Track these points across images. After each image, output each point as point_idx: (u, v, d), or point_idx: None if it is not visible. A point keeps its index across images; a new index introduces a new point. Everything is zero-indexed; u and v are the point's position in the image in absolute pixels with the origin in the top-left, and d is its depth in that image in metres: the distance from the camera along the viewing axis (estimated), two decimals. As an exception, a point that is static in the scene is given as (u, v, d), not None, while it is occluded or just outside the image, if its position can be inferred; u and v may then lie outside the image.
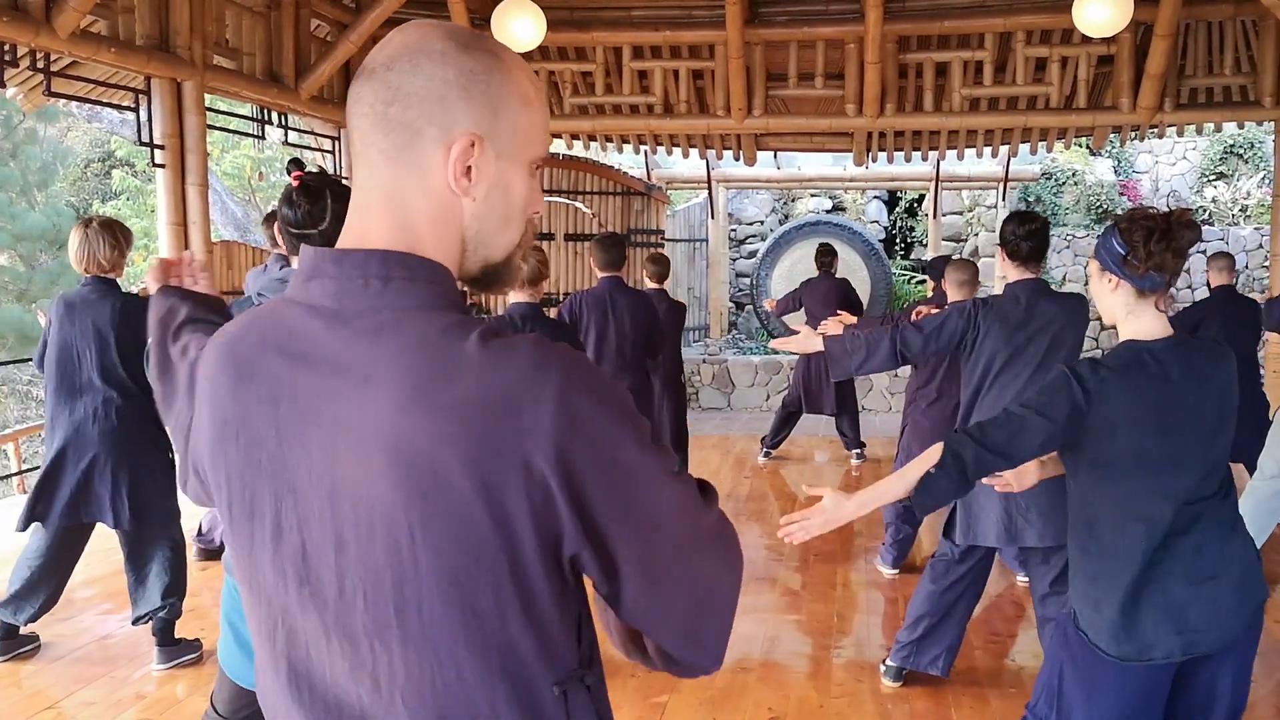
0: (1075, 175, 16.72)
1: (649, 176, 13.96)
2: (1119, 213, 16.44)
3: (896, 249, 17.86)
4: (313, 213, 2.90)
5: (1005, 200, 14.48)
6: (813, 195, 17.88)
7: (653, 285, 7.63)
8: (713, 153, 10.89)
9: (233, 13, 7.71)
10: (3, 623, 4.80)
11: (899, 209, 17.96)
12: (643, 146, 10.88)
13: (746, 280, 16.98)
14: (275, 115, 8.70)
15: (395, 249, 1.20)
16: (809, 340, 4.36)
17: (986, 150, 10.34)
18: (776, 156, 14.06)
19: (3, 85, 6.18)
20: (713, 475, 9.02)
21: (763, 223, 17.88)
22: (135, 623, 4.84)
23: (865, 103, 9.19)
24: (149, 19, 6.72)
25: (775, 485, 8.79)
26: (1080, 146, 15.96)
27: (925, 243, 16.31)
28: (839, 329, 4.55)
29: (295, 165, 3.06)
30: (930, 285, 9.12)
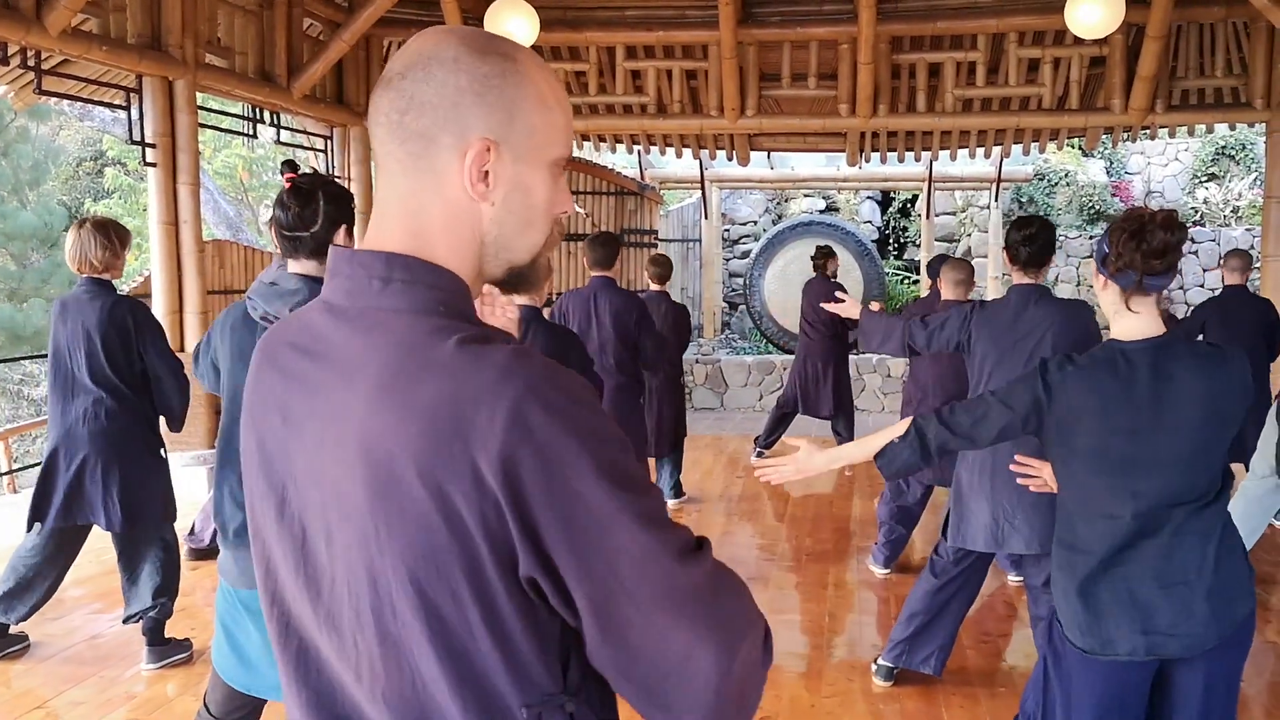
0: (1068, 176, 16.76)
1: (642, 176, 13.96)
2: (1111, 214, 16.53)
3: (890, 249, 17.87)
4: (303, 215, 2.89)
5: (998, 201, 14.49)
6: (806, 195, 17.88)
7: (655, 287, 7.61)
8: (706, 153, 10.88)
9: (225, 11, 7.69)
10: (-6, 621, 4.80)
11: (892, 209, 17.98)
12: (636, 146, 10.88)
13: (740, 280, 16.98)
14: (267, 114, 8.68)
15: (404, 252, 1.21)
16: (852, 309, 4.76)
17: (979, 151, 10.35)
18: (770, 157, 14.08)
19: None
20: (706, 475, 9.03)
21: (756, 223, 17.89)
22: (125, 621, 4.83)
23: (858, 103, 9.19)
24: (140, 17, 6.70)
25: (768, 485, 8.77)
26: (1073, 147, 15.99)
27: (918, 243, 16.33)
28: (878, 308, 5.39)
29: (289, 167, 3.05)
30: (927, 284, 9.14)
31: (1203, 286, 15.95)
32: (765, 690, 4.18)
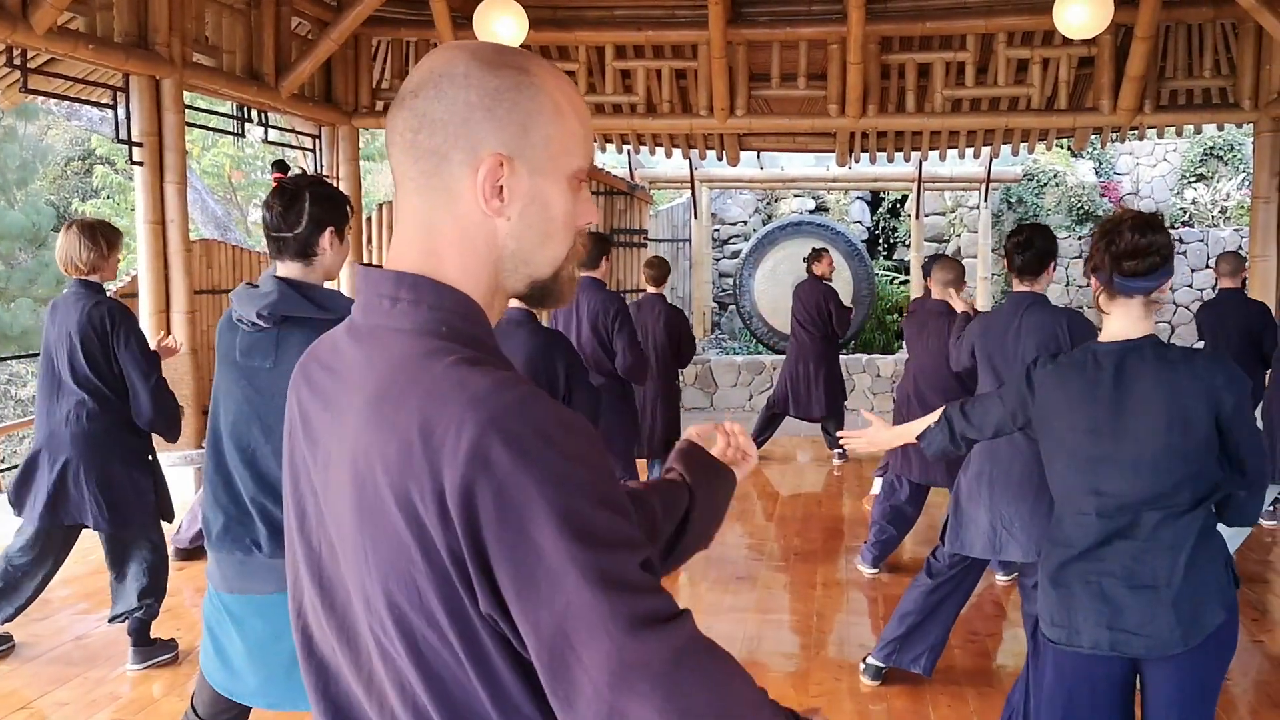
0: (1057, 177, 16.79)
1: (632, 176, 13.95)
2: (1100, 215, 16.57)
3: (879, 249, 17.89)
4: (286, 216, 2.88)
5: (987, 201, 14.51)
6: (796, 195, 17.89)
7: (650, 289, 7.58)
8: (696, 153, 10.89)
9: (212, 10, 7.68)
10: (-22, 622, 4.77)
11: (882, 209, 17.99)
12: (625, 146, 10.88)
13: (729, 280, 16.99)
14: (255, 113, 8.66)
15: (415, 271, 1.20)
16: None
17: (969, 151, 10.36)
18: (760, 157, 14.08)
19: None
20: (694, 475, 9.00)
21: (746, 223, 17.89)
22: (111, 621, 4.82)
23: (848, 103, 9.20)
24: (127, 16, 6.68)
25: (758, 485, 8.79)
26: (1061, 148, 16.02)
27: (908, 243, 16.34)
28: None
29: (278, 167, 3.03)
30: (920, 285, 9.14)
31: (1190, 287, 15.99)
32: (752, 690, 4.11)
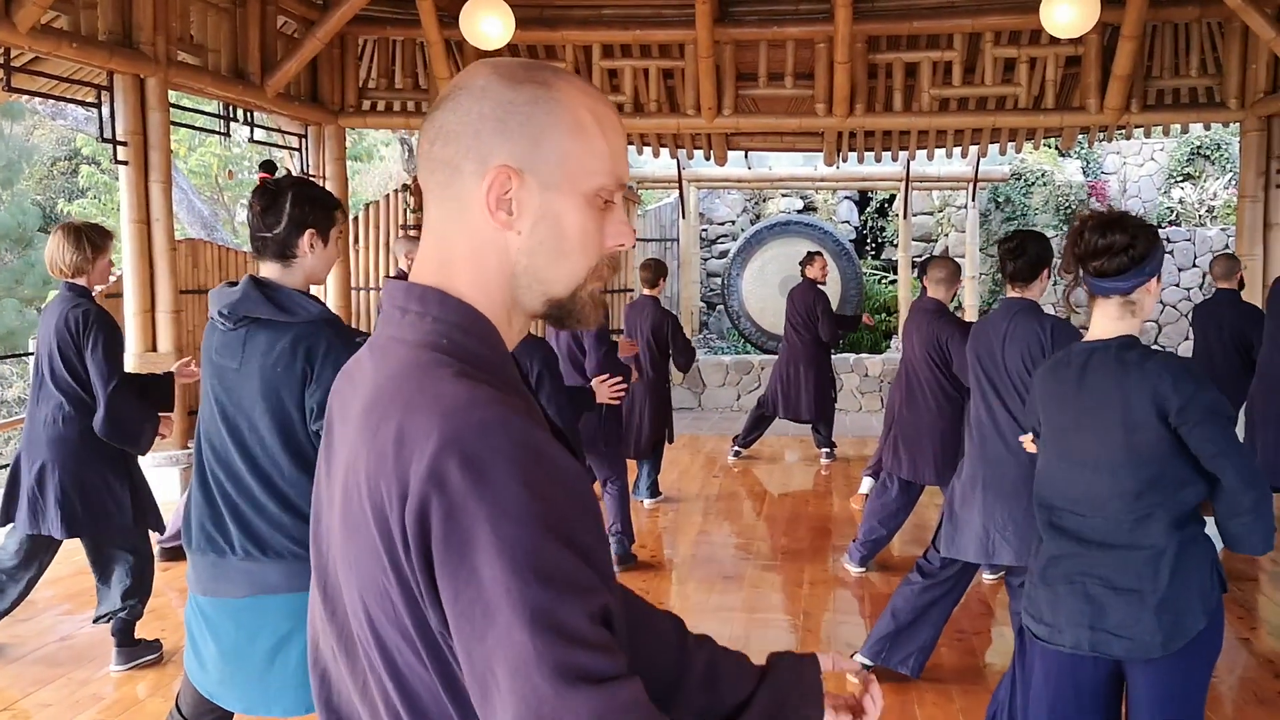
0: (1044, 176, 16.82)
1: (620, 176, 13.92)
2: (1086, 214, 16.60)
3: (867, 249, 17.92)
4: (266, 216, 2.86)
5: (975, 201, 14.53)
6: (784, 195, 17.90)
7: (645, 291, 7.55)
8: (683, 152, 10.88)
9: (197, 8, 7.64)
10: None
11: (870, 209, 18.02)
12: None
13: (717, 280, 17.00)
14: (241, 113, 8.63)
15: (429, 284, 1.20)
16: None
17: (956, 151, 10.38)
18: (747, 156, 14.07)
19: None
20: (683, 474, 9.02)
21: (734, 222, 17.90)
22: (95, 622, 4.80)
23: (835, 102, 9.20)
24: (111, 14, 6.65)
25: (746, 484, 8.79)
26: (1049, 147, 16.06)
27: (896, 243, 16.36)
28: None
29: (265, 168, 3.02)
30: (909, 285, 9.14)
31: (1178, 286, 16.03)
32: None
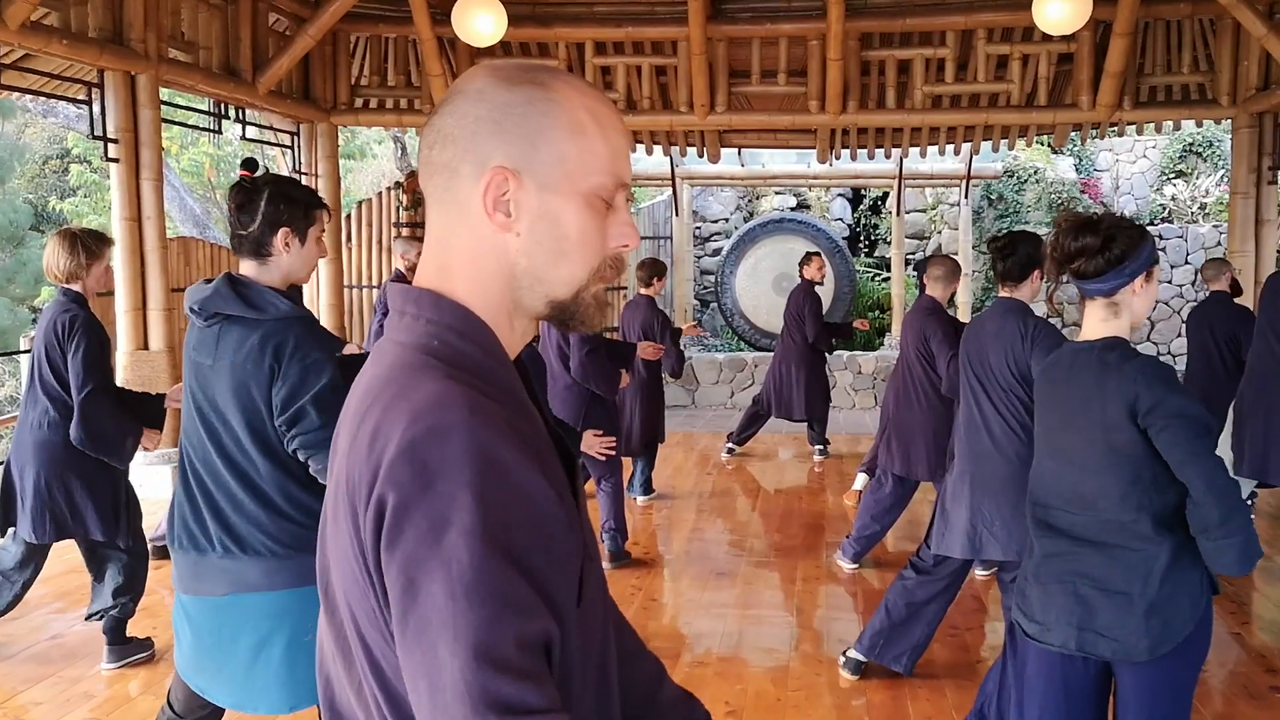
0: (1037, 173, 16.83)
1: (613, 173, 13.91)
2: (1080, 211, 16.61)
3: (861, 246, 17.93)
4: (240, 215, 2.87)
5: (967, 198, 14.54)
6: (777, 193, 17.90)
7: (642, 291, 7.54)
8: (676, 149, 10.88)
9: (188, 5, 7.62)
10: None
11: (863, 206, 18.03)
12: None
13: (711, 278, 17.00)
14: (233, 110, 8.61)
15: (428, 286, 1.21)
16: None
17: (949, 148, 10.38)
18: (741, 154, 14.07)
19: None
20: (677, 471, 9.03)
21: (727, 220, 17.90)
22: (87, 619, 4.80)
23: (828, 99, 9.21)
24: (101, 11, 6.63)
25: (740, 481, 8.79)
26: (1042, 145, 16.07)
27: (889, 240, 16.37)
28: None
29: (246, 165, 3.02)
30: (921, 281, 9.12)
31: (1170, 283, 16.04)
32: (732, 685, 4.19)
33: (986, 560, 5.75)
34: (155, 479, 7.13)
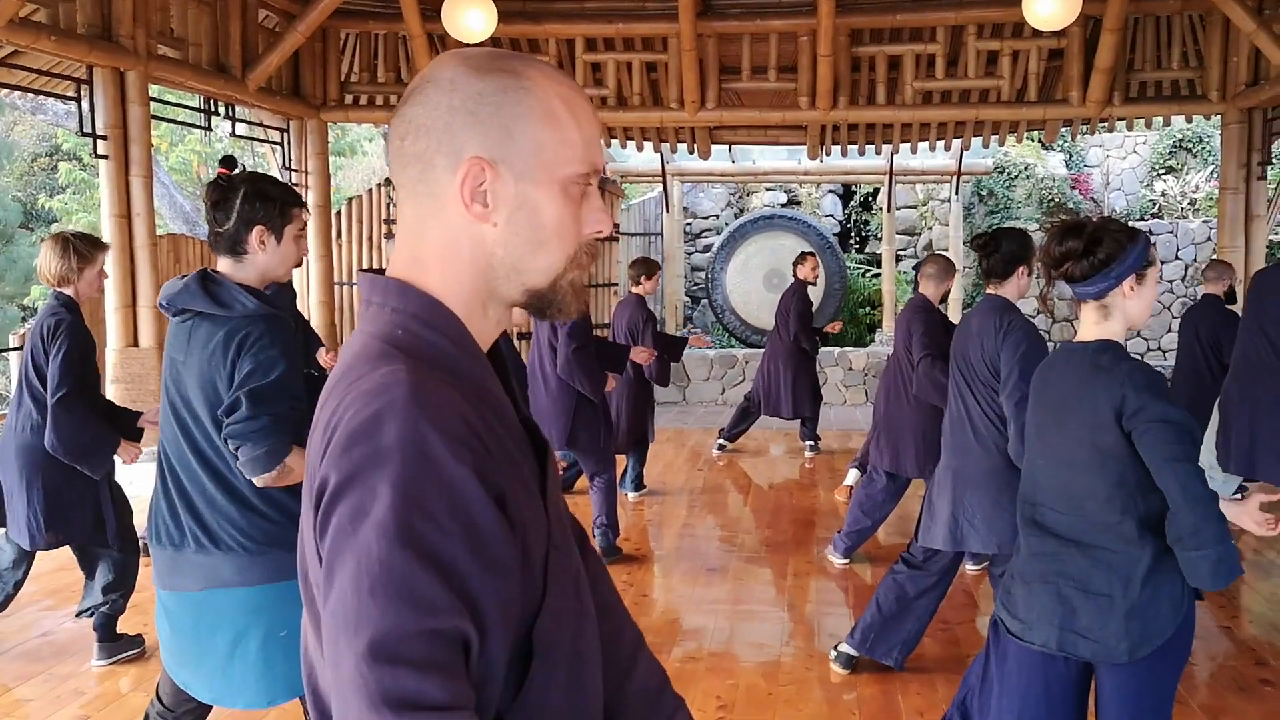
0: (1027, 169, 16.85)
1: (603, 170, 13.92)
2: (1070, 207, 16.64)
3: (851, 242, 17.94)
4: (216, 212, 2.88)
5: (958, 194, 14.56)
6: (768, 189, 17.92)
7: (633, 290, 7.53)
8: (667, 146, 10.88)
9: (177, 1, 7.60)
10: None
11: (853, 203, 18.04)
12: (596, 139, 10.86)
13: (702, 274, 17.00)
14: (223, 107, 8.59)
15: (397, 276, 1.20)
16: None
17: (939, 144, 10.40)
18: (731, 150, 14.08)
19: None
20: (668, 468, 9.03)
21: (718, 216, 17.91)
22: (78, 616, 4.80)
23: (818, 95, 9.21)
24: (90, 7, 6.61)
25: (731, 477, 8.80)
26: (1032, 140, 16.10)
27: (880, 236, 16.39)
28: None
29: (225, 163, 3.02)
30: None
31: (1160, 278, 16.08)
32: (723, 680, 4.18)
33: (977, 555, 5.79)
34: (146, 476, 7.10)
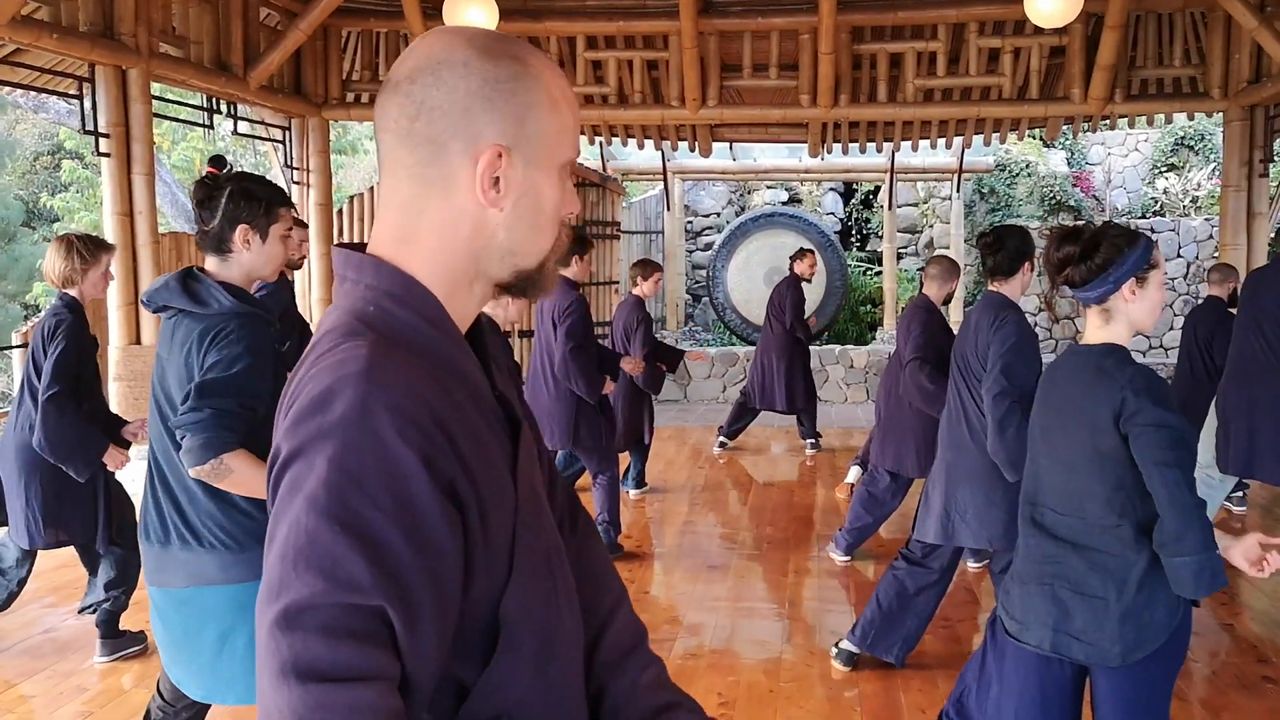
0: (1029, 167, 16.84)
1: (604, 168, 13.93)
2: (1072, 205, 16.64)
3: (852, 240, 17.93)
4: (202, 212, 2.89)
5: (959, 192, 14.55)
6: (769, 187, 17.91)
7: (631, 290, 7.52)
8: (668, 144, 10.88)
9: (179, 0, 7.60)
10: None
11: (855, 201, 18.03)
12: (597, 138, 10.86)
13: (702, 272, 17.00)
14: (224, 105, 8.59)
15: (375, 253, 1.20)
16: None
17: (941, 142, 10.38)
18: (732, 148, 14.06)
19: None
20: (669, 465, 9.03)
21: (719, 214, 17.91)
22: (80, 612, 4.81)
23: (819, 93, 9.20)
24: (92, 5, 6.61)
25: (732, 475, 8.80)
26: (1034, 138, 16.08)
27: (881, 234, 16.38)
28: None
29: (214, 162, 3.03)
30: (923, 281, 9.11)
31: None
32: (724, 677, 4.19)
33: (978, 553, 5.80)
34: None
